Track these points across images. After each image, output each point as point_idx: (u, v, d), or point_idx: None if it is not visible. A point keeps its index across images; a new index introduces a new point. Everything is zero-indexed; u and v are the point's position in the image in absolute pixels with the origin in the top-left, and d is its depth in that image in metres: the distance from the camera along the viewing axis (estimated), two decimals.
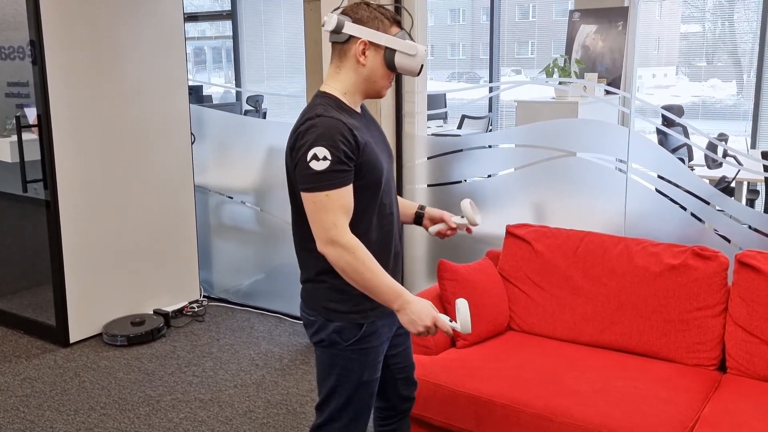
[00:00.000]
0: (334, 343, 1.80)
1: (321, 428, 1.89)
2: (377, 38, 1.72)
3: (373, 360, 1.84)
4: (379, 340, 1.84)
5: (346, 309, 1.78)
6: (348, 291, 1.77)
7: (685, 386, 2.31)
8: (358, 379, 1.83)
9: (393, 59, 1.74)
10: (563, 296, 2.74)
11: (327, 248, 1.67)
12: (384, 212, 1.81)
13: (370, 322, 1.80)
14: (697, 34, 8.43)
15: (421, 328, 1.68)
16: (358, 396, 1.84)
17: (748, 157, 2.82)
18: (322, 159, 1.64)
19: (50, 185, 3.55)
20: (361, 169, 1.71)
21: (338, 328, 1.79)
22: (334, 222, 1.66)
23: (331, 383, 1.84)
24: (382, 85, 1.79)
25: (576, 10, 5.90)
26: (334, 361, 1.82)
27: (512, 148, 3.32)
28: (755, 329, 2.39)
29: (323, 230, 1.67)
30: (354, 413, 1.86)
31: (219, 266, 4.54)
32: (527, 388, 2.31)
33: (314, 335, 1.84)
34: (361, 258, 1.66)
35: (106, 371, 3.42)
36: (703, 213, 2.87)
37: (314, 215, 1.68)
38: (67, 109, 3.56)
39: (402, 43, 1.74)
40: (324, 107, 1.70)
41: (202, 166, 4.47)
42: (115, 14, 3.72)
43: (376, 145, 1.79)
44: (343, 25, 1.72)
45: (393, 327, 1.91)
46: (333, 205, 1.65)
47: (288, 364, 3.48)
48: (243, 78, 9.43)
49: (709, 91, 8.45)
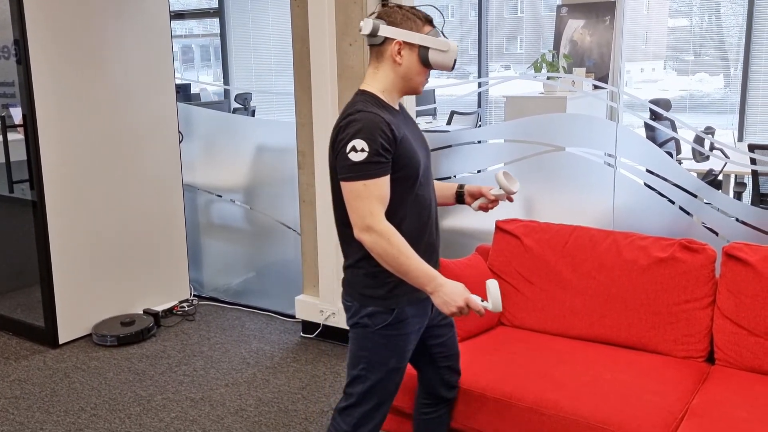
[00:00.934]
0: (364, 326, 1.89)
1: (344, 411, 1.96)
2: (411, 38, 1.82)
3: (402, 348, 1.91)
4: (408, 329, 1.91)
5: (380, 295, 1.87)
6: (382, 278, 1.86)
7: (674, 378, 2.32)
8: (386, 365, 1.90)
9: (427, 56, 1.84)
10: (553, 290, 2.75)
11: (363, 235, 1.75)
12: (421, 203, 1.89)
13: (400, 309, 1.88)
14: (684, 28, 8.47)
15: (454, 309, 1.75)
16: (383, 382, 1.91)
17: (735, 150, 2.84)
18: (360, 150, 1.73)
19: (37, 185, 3.53)
20: (398, 162, 1.80)
21: (370, 312, 1.87)
22: (370, 210, 1.74)
23: (360, 367, 1.92)
24: (418, 82, 1.88)
25: (563, 5, 5.91)
26: (364, 344, 1.90)
27: (501, 144, 3.33)
28: (743, 321, 2.40)
29: (360, 218, 1.75)
30: (378, 399, 1.93)
31: (209, 265, 4.52)
32: (518, 382, 2.31)
33: (350, 319, 1.93)
34: (395, 244, 1.73)
35: (96, 372, 3.41)
36: (691, 206, 2.88)
37: (352, 203, 1.76)
38: (53, 109, 3.54)
39: (435, 41, 1.83)
40: (363, 104, 1.80)
41: (191, 165, 4.45)
42: (100, 13, 3.70)
43: (414, 140, 1.89)
44: (379, 29, 1.83)
45: (425, 319, 1.97)
46: (369, 193, 1.74)
47: (279, 362, 3.48)
48: (231, 76, 9.40)
49: (697, 84, 8.49)
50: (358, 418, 1.93)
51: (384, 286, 1.86)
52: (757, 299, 2.38)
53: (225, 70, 9.43)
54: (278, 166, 4.11)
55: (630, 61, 8.81)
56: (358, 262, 1.88)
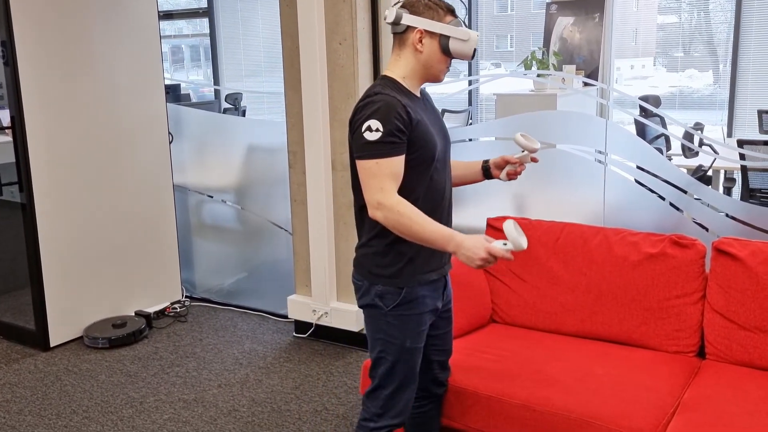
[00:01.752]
0: (376, 307, 1.93)
1: (371, 394, 2.00)
2: (432, 27, 1.86)
3: (415, 327, 1.94)
4: (420, 309, 1.94)
5: (389, 273, 1.90)
6: (391, 256, 1.90)
7: (665, 373, 2.33)
8: (401, 345, 1.93)
9: (448, 45, 1.88)
10: (544, 287, 2.76)
11: (376, 212, 1.79)
12: (435, 188, 1.93)
13: (410, 288, 1.91)
14: (673, 25, 8.50)
15: (479, 262, 1.75)
16: (402, 363, 1.95)
17: (724, 146, 2.85)
18: (375, 130, 1.78)
19: (26, 188, 3.51)
20: (413, 144, 1.83)
21: (380, 292, 1.91)
22: (381, 186, 1.78)
23: (378, 349, 1.96)
24: (439, 70, 1.92)
25: (553, 2, 5.92)
26: (378, 326, 1.95)
27: (492, 141, 3.33)
28: (732, 315, 2.41)
29: (372, 194, 1.79)
30: (399, 380, 1.96)
31: (201, 266, 4.51)
32: (510, 379, 2.32)
33: (360, 299, 1.97)
34: (406, 214, 1.76)
35: (87, 374, 3.39)
36: (681, 202, 2.90)
37: (365, 181, 1.80)
38: (41, 110, 3.52)
39: (456, 30, 1.87)
40: (382, 86, 1.85)
41: (182, 166, 4.44)
42: (88, 14, 3.68)
43: (432, 125, 1.92)
44: (401, 17, 1.87)
45: (438, 301, 2.00)
46: (382, 172, 1.78)
47: (272, 362, 3.47)
48: (221, 76, 9.37)
49: (687, 81, 8.53)
50: (384, 400, 1.98)
51: (393, 265, 1.90)
52: (746, 294, 2.39)
53: (215, 70, 9.40)
54: (269, 166, 4.10)
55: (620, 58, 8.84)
56: (369, 241, 1.92)
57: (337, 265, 3.58)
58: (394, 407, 1.98)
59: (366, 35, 3.33)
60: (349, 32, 3.27)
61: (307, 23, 3.30)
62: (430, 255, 1.94)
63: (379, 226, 1.90)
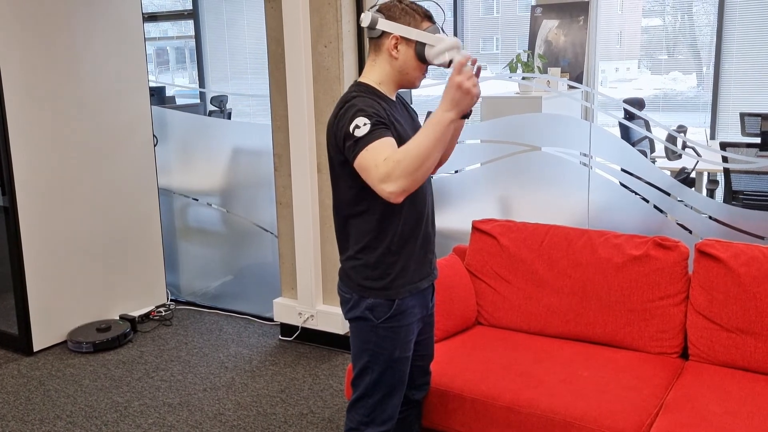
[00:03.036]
0: (366, 320, 1.90)
1: (356, 403, 1.98)
2: (408, 33, 1.83)
3: (404, 338, 1.93)
4: (410, 319, 1.93)
5: (380, 286, 1.88)
6: (382, 269, 1.87)
7: (649, 374, 2.35)
8: (390, 356, 1.92)
9: (423, 52, 1.84)
10: (529, 289, 2.77)
11: (384, 185, 1.66)
12: (415, 193, 1.88)
13: (401, 300, 1.89)
14: (657, 28, 8.57)
15: (474, 90, 1.66)
16: (389, 373, 1.94)
17: (708, 149, 2.88)
18: (363, 125, 1.73)
19: (8, 191, 3.48)
20: None
21: (370, 305, 1.89)
22: (376, 164, 1.67)
23: (364, 360, 1.94)
24: (414, 76, 1.89)
25: (538, 5, 5.95)
26: (367, 337, 1.92)
27: (478, 144, 3.34)
28: (715, 316, 2.44)
29: (375, 179, 1.67)
30: (387, 389, 1.95)
31: (186, 269, 4.49)
32: (495, 381, 2.32)
33: (348, 312, 1.94)
34: (402, 157, 1.65)
35: (71, 379, 3.36)
36: (665, 204, 2.92)
37: (367, 174, 1.70)
38: (24, 113, 3.49)
39: (431, 37, 1.83)
40: (357, 92, 1.83)
41: (166, 169, 4.41)
42: (72, 15, 3.65)
43: (409, 129, 1.90)
44: (377, 22, 1.84)
45: (425, 309, 2.00)
46: (375, 152, 1.69)
47: (257, 365, 3.46)
48: (207, 78, 9.33)
49: (671, 83, 8.60)
50: (370, 409, 1.96)
51: (384, 278, 1.88)
52: (729, 295, 2.41)
53: (200, 73, 9.36)
54: (254, 169, 4.09)
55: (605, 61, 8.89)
56: (357, 254, 1.88)
57: (323, 267, 3.57)
58: (382, 414, 1.96)
59: (351, 38, 3.33)
60: (334, 35, 3.27)
61: (292, 26, 3.30)
62: (419, 264, 1.93)
63: (367, 238, 1.85)
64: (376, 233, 1.86)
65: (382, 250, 1.86)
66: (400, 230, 1.87)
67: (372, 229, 1.86)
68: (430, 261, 1.98)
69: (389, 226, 1.86)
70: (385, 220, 1.85)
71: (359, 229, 1.87)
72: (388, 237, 1.86)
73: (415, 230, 1.90)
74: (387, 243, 1.86)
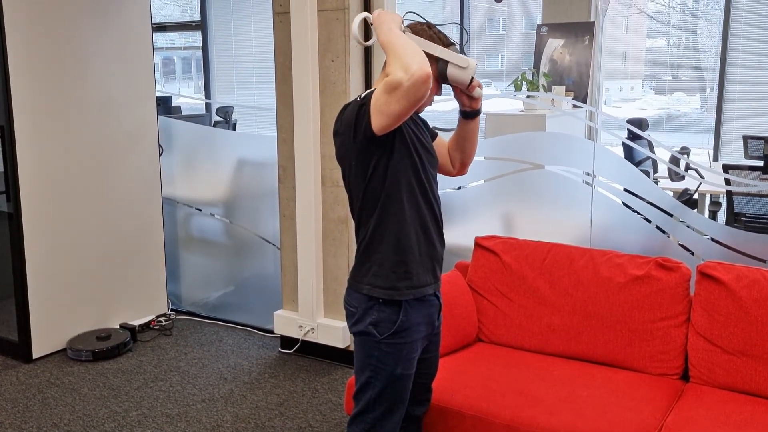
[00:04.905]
0: (370, 335, 1.91)
1: (357, 418, 1.99)
2: (432, 49, 1.83)
3: (407, 355, 1.93)
4: (414, 336, 1.93)
5: (387, 285, 1.89)
6: (387, 266, 1.88)
7: (649, 395, 2.34)
8: (392, 372, 1.92)
9: (446, 70, 1.85)
10: (531, 307, 2.77)
11: (397, 79, 1.66)
12: (418, 198, 1.90)
13: (405, 317, 1.89)
14: (662, 49, 8.62)
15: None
16: (391, 389, 1.94)
17: (710, 171, 2.89)
18: (364, 96, 1.77)
19: (13, 197, 3.49)
20: (393, 150, 1.83)
21: (375, 320, 1.89)
22: (380, 85, 1.72)
23: (367, 375, 1.94)
24: (426, 100, 1.89)
25: (543, 24, 5.99)
26: (370, 353, 1.92)
27: (482, 161, 3.35)
28: (716, 339, 2.43)
29: (382, 89, 1.70)
30: (388, 405, 1.95)
31: (187, 279, 4.49)
32: (495, 399, 2.32)
33: (353, 326, 1.94)
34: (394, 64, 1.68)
35: (70, 387, 3.36)
36: (667, 225, 2.93)
37: (378, 96, 1.71)
38: (31, 120, 3.51)
39: (455, 56, 1.85)
40: (364, 97, 1.83)
41: (171, 178, 4.43)
42: (82, 24, 3.68)
43: (417, 136, 1.91)
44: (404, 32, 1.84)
45: (431, 327, 2.00)
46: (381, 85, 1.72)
47: (257, 377, 3.45)
48: (212, 89, 9.38)
49: (674, 104, 8.63)
50: (371, 424, 1.96)
51: (390, 276, 1.88)
52: (730, 318, 2.41)
53: (206, 83, 9.41)
54: (258, 180, 4.10)
55: (609, 80, 8.93)
56: (366, 250, 1.90)
57: (324, 280, 3.57)
58: (382, 429, 1.96)
59: (358, 53, 3.35)
60: (341, 50, 3.30)
61: (300, 40, 3.32)
62: (424, 270, 1.94)
63: (374, 239, 1.88)
64: (381, 235, 1.88)
65: (388, 251, 1.88)
66: (404, 234, 1.88)
67: (378, 230, 1.88)
68: (434, 270, 1.98)
69: (394, 228, 1.87)
70: (390, 223, 1.87)
71: (367, 230, 1.90)
72: (392, 239, 1.88)
73: (419, 236, 1.92)
74: (392, 245, 1.88)
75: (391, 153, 1.84)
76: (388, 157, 1.84)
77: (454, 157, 2.16)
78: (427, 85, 1.66)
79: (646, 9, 8.56)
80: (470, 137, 2.09)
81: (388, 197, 1.85)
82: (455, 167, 2.18)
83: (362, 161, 1.84)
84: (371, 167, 1.84)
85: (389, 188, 1.85)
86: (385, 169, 1.84)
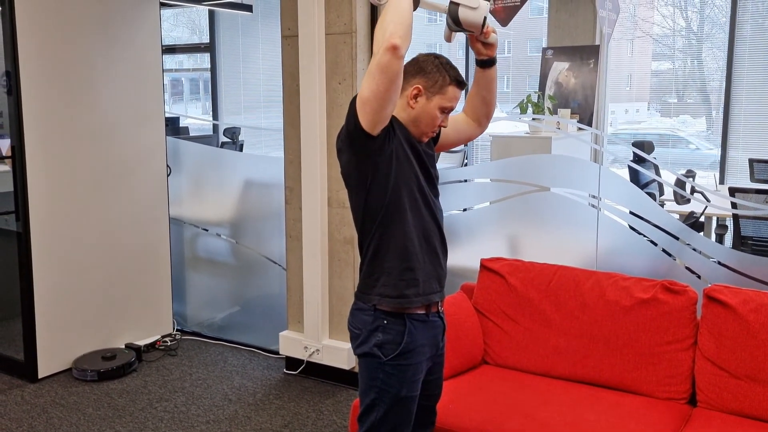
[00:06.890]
0: (374, 356, 1.91)
1: None
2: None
3: (412, 377, 1.94)
4: (418, 358, 1.94)
5: (396, 293, 1.89)
6: (395, 274, 1.89)
7: (656, 420, 2.32)
8: (396, 394, 1.92)
9: (457, 13, 1.83)
10: (536, 330, 2.76)
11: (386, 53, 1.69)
12: (419, 207, 1.92)
13: (411, 338, 1.89)
14: (667, 72, 8.65)
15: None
16: (395, 410, 1.94)
17: (716, 194, 2.89)
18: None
19: (22, 217, 3.52)
20: (392, 157, 1.84)
21: (379, 342, 1.90)
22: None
23: (371, 396, 1.94)
24: (425, 131, 1.92)
25: (549, 47, 6.03)
26: (374, 374, 1.93)
27: (487, 183, 3.37)
28: (724, 363, 2.42)
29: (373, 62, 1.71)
30: (392, 427, 1.96)
31: (193, 299, 4.49)
32: (501, 421, 2.31)
33: (357, 348, 1.95)
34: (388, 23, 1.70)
35: (75, 407, 3.35)
36: (673, 248, 2.92)
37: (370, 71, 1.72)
38: (42, 141, 3.55)
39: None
40: None
41: (178, 199, 4.45)
42: (93, 46, 3.73)
43: (417, 156, 1.91)
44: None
45: (435, 348, 2.01)
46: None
47: (261, 398, 3.44)
48: (220, 110, 9.45)
49: (680, 126, 8.64)
50: None
51: (398, 285, 1.89)
52: (737, 342, 2.40)
53: (214, 105, 9.49)
54: (265, 201, 4.12)
55: (614, 102, 8.96)
56: (372, 259, 1.90)
57: (330, 302, 3.57)
58: None
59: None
60: (348, 72, 3.33)
61: (307, 62, 3.36)
62: (429, 277, 1.95)
63: (378, 249, 1.89)
64: (387, 243, 1.89)
65: (395, 259, 1.88)
66: (409, 241, 1.89)
67: (383, 239, 1.89)
68: (439, 278, 1.98)
69: (399, 236, 1.88)
70: (395, 230, 1.88)
71: (372, 240, 1.91)
72: (398, 247, 1.88)
73: (422, 243, 1.93)
74: (399, 252, 1.89)
75: (390, 160, 1.85)
76: (388, 165, 1.85)
77: (478, 112, 2.11)
78: (395, 55, 1.67)
79: (651, 32, 8.62)
80: (490, 87, 2.07)
81: (391, 206, 1.87)
82: (481, 123, 2.14)
83: (363, 171, 1.85)
84: (372, 176, 1.85)
85: (392, 196, 1.86)
86: (386, 177, 1.85)
